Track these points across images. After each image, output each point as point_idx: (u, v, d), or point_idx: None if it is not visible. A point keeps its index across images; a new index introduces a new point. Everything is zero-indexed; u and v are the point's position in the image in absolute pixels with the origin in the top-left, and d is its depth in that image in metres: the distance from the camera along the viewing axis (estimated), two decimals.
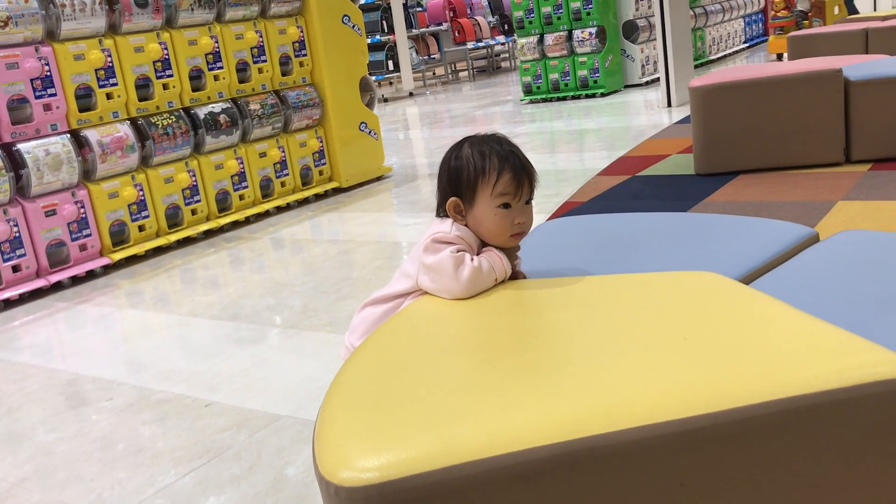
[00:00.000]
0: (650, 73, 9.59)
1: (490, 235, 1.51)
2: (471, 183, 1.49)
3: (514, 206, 1.49)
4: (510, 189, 1.47)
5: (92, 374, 2.94)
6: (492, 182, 1.47)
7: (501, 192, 1.47)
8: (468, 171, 1.49)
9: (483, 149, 1.50)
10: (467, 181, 1.49)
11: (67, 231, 4.15)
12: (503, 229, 1.49)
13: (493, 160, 1.48)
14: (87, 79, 4.27)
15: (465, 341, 1.32)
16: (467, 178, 1.49)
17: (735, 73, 4.65)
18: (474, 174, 1.49)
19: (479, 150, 1.50)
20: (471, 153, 1.51)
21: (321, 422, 1.11)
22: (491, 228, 1.50)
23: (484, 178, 1.48)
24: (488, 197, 1.48)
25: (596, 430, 0.97)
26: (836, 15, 9.97)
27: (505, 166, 1.47)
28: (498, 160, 1.48)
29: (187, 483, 2.08)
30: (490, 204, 1.48)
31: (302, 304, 3.38)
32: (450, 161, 1.54)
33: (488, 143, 1.51)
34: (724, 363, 1.08)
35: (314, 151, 5.56)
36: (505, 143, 1.52)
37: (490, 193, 1.48)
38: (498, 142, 1.52)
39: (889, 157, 4.15)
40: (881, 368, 1.02)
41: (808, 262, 1.64)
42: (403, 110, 11.04)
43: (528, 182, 1.49)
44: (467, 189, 1.50)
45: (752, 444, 1.00)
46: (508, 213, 1.49)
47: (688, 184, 4.37)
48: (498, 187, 1.47)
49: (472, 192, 1.49)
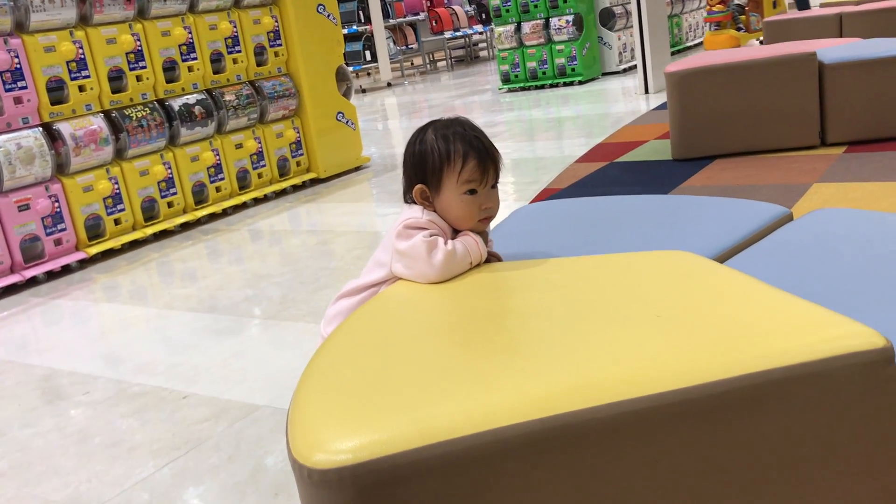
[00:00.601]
0: (627, 60, 9.61)
1: (457, 221, 1.50)
2: (436, 170, 1.48)
3: (480, 192, 1.48)
4: (476, 175, 1.46)
5: (68, 368, 2.91)
6: (457, 169, 1.46)
7: (467, 178, 1.46)
8: (433, 158, 1.48)
9: (447, 134, 1.48)
10: (433, 168, 1.48)
11: (42, 226, 4.10)
12: (470, 215, 1.49)
13: (457, 146, 1.47)
14: (58, 71, 4.21)
15: (439, 324, 1.31)
16: (432, 165, 1.48)
17: (710, 57, 4.66)
18: (439, 161, 1.47)
19: (442, 135, 1.49)
20: (435, 139, 1.49)
21: (295, 406, 1.10)
22: (458, 214, 1.49)
23: (449, 165, 1.47)
24: (454, 184, 1.47)
25: (570, 407, 0.97)
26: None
27: (470, 152, 1.46)
28: (462, 146, 1.46)
29: (166, 475, 2.07)
30: (456, 191, 1.47)
31: (280, 295, 3.36)
32: (414, 146, 1.53)
33: (452, 128, 1.49)
34: (697, 339, 1.08)
35: (291, 142, 5.52)
36: (468, 128, 1.50)
37: (456, 181, 1.47)
38: (461, 126, 1.50)
39: (863, 139, 4.18)
40: (852, 341, 1.02)
41: (781, 240, 1.65)
42: (382, 101, 11.00)
43: (493, 167, 1.48)
44: (433, 176, 1.49)
45: (727, 418, 1.01)
46: (475, 198, 1.48)
47: (665, 169, 4.38)
48: (464, 174, 1.46)
49: (438, 180, 1.48)
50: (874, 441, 1.04)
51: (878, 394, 1.03)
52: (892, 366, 1.02)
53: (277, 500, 1.88)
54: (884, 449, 1.05)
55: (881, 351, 1.01)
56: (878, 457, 1.05)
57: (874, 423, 1.04)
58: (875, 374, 1.01)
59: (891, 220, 1.68)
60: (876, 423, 1.04)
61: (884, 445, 1.05)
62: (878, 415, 1.03)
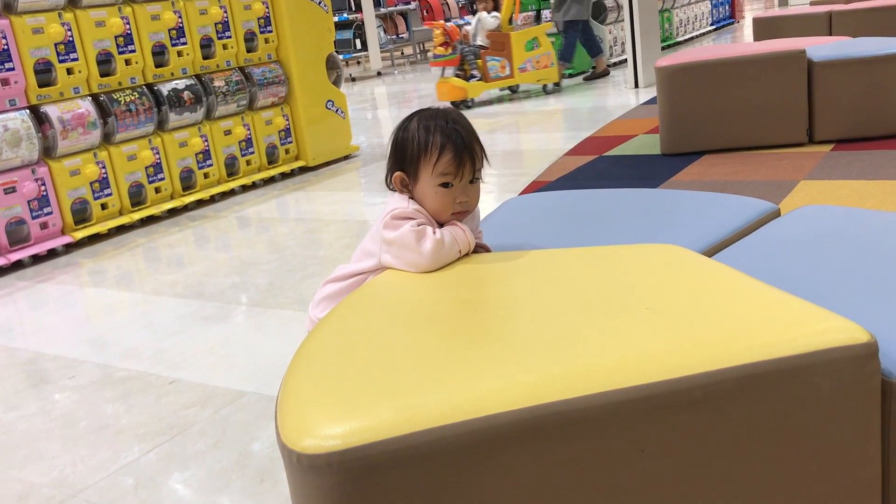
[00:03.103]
0: (618, 54, 9.61)
1: (433, 212, 1.50)
2: (414, 159, 1.49)
3: (455, 186, 1.48)
4: (450, 169, 1.46)
5: (53, 352, 2.89)
6: (432, 161, 1.46)
7: (442, 171, 1.46)
8: (412, 146, 1.49)
9: (429, 125, 1.48)
10: (411, 157, 1.49)
11: (28, 209, 4.08)
12: (444, 207, 1.49)
13: (435, 138, 1.46)
14: (46, 53, 4.18)
15: (428, 313, 1.32)
16: (411, 154, 1.49)
17: (701, 53, 4.68)
18: (417, 151, 1.48)
19: (424, 125, 1.49)
20: (417, 128, 1.50)
21: (284, 392, 1.11)
22: (432, 206, 1.50)
23: (426, 156, 1.47)
24: (429, 175, 1.47)
25: (557, 397, 0.98)
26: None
27: (447, 146, 1.46)
28: (440, 138, 1.46)
29: (151, 459, 2.07)
30: (431, 182, 1.48)
31: (268, 283, 3.36)
32: (398, 133, 1.53)
33: (435, 119, 1.49)
34: (684, 331, 1.09)
35: (280, 129, 5.50)
36: (451, 121, 1.49)
37: (431, 172, 1.47)
38: (445, 118, 1.49)
39: (851, 137, 4.21)
40: (837, 336, 1.04)
41: (769, 235, 1.66)
42: (371, 90, 10.97)
43: (469, 162, 1.47)
44: (411, 165, 1.50)
45: (712, 410, 1.02)
46: (449, 192, 1.48)
47: (654, 163, 4.40)
48: (438, 167, 1.46)
49: (416, 169, 1.49)
50: (857, 434, 1.06)
51: (862, 388, 1.04)
52: (875, 360, 1.04)
53: (263, 486, 1.88)
54: (866, 442, 1.06)
55: (865, 346, 1.03)
56: (861, 450, 1.06)
57: (857, 416, 1.05)
58: (858, 369, 1.03)
59: (877, 218, 1.70)
60: (858, 416, 1.05)
61: (866, 439, 1.06)
62: (860, 408, 1.05)
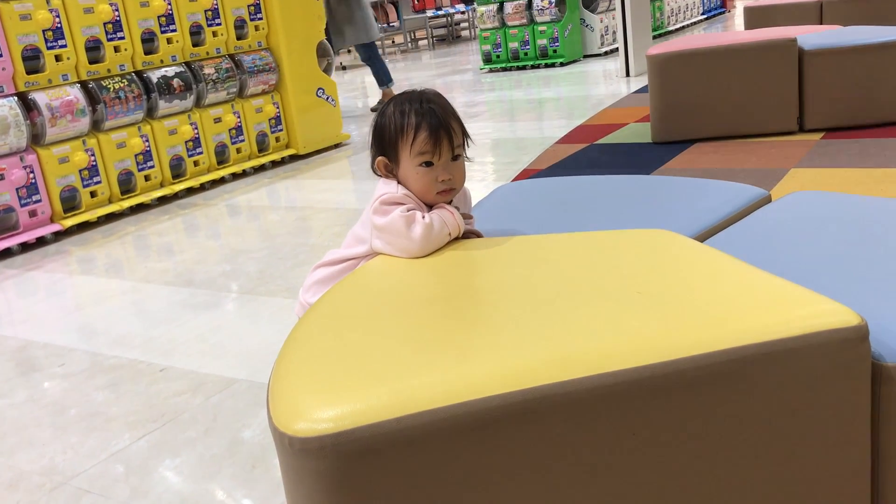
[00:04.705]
0: (609, 42, 9.61)
1: (418, 193, 1.50)
2: (392, 142, 1.49)
3: (436, 164, 1.47)
4: (427, 147, 1.46)
5: (43, 340, 2.88)
6: (409, 141, 1.46)
7: (419, 150, 1.46)
8: (389, 130, 1.49)
9: (404, 107, 1.48)
10: (389, 141, 1.49)
11: (16, 196, 4.05)
12: (428, 187, 1.48)
13: (410, 118, 1.46)
14: (34, 40, 4.14)
15: (419, 297, 1.31)
16: (389, 137, 1.49)
17: (692, 41, 4.68)
18: (395, 133, 1.48)
19: (400, 108, 1.49)
20: (393, 112, 1.50)
21: (276, 376, 1.10)
22: (416, 187, 1.49)
23: (402, 137, 1.47)
24: (409, 156, 1.47)
25: (549, 380, 0.97)
26: None
27: (421, 124, 1.45)
28: (415, 118, 1.46)
29: (142, 446, 2.06)
30: (412, 163, 1.48)
31: (258, 271, 3.35)
32: (377, 119, 1.53)
33: (410, 101, 1.49)
34: (675, 315, 1.09)
35: (270, 117, 5.48)
36: (426, 100, 1.49)
37: (409, 153, 1.47)
38: (420, 99, 1.49)
39: (841, 126, 4.22)
40: (828, 319, 1.04)
41: (760, 221, 1.66)
42: (362, 79, 10.93)
43: (447, 139, 1.46)
44: (391, 148, 1.50)
45: (704, 392, 1.02)
46: (430, 171, 1.48)
47: (645, 152, 4.40)
48: (415, 146, 1.46)
49: (395, 152, 1.49)
50: (847, 417, 1.06)
51: (852, 371, 1.04)
52: (865, 343, 1.04)
53: (254, 473, 1.88)
54: (855, 425, 1.07)
55: (856, 328, 1.03)
56: (850, 433, 1.07)
57: (847, 399, 1.05)
58: (849, 351, 1.03)
59: (867, 203, 1.70)
60: (849, 399, 1.06)
61: (856, 421, 1.07)
62: (850, 391, 1.05)
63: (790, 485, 1.07)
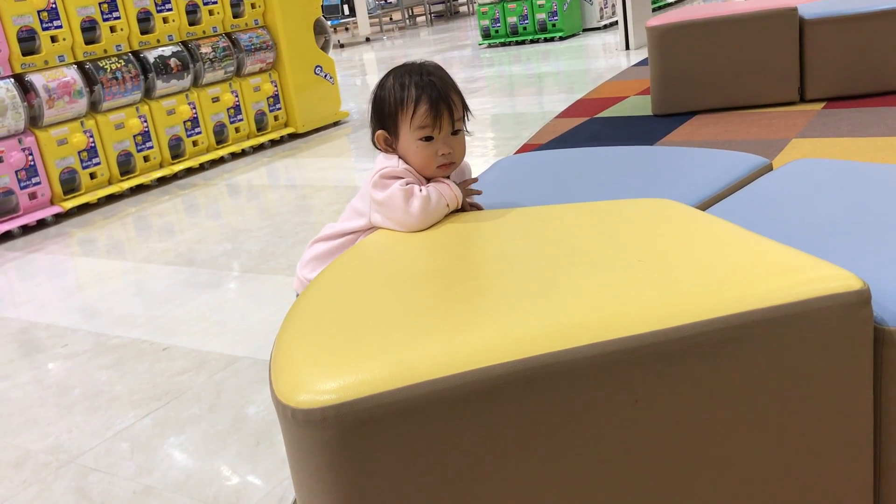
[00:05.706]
0: (608, 16, 9.54)
1: (417, 167, 1.49)
2: (392, 115, 1.47)
3: (436, 138, 1.46)
4: (427, 121, 1.45)
5: (46, 321, 2.89)
6: (409, 115, 1.45)
7: (420, 124, 1.45)
8: (389, 103, 1.47)
9: (404, 80, 1.47)
10: (389, 114, 1.48)
11: (16, 179, 4.04)
12: (427, 161, 1.47)
13: (410, 92, 1.45)
14: (29, 21, 4.11)
15: (420, 270, 1.31)
16: (388, 110, 1.48)
17: (692, 12, 4.64)
18: (394, 107, 1.46)
19: (399, 81, 1.47)
20: (392, 84, 1.48)
21: (278, 349, 1.10)
22: (416, 161, 1.48)
23: (402, 111, 1.46)
24: (408, 130, 1.46)
25: (551, 348, 0.97)
26: None
27: (422, 97, 1.44)
28: (415, 91, 1.44)
29: (146, 424, 2.07)
30: (411, 137, 1.46)
31: (259, 249, 3.35)
32: (376, 92, 1.52)
33: (410, 74, 1.47)
34: (677, 282, 1.09)
35: (269, 96, 5.45)
36: (426, 73, 1.47)
37: (409, 126, 1.46)
38: (419, 72, 1.47)
39: (842, 95, 4.20)
40: (829, 283, 1.03)
41: (761, 189, 1.65)
42: (360, 56, 10.87)
43: (447, 112, 1.45)
44: (390, 122, 1.48)
45: (706, 359, 1.02)
46: (430, 145, 1.46)
47: (646, 124, 4.38)
48: (415, 120, 1.45)
49: (395, 125, 1.48)
50: (849, 382, 1.06)
51: (854, 335, 1.04)
52: (867, 308, 1.04)
53: (259, 449, 1.89)
54: (858, 390, 1.07)
55: (858, 293, 1.02)
56: (853, 397, 1.07)
57: (849, 363, 1.05)
58: (852, 316, 1.03)
59: (869, 170, 1.69)
60: (851, 364, 1.05)
61: (858, 386, 1.07)
62: (853, 356, 1.05)
63: (794, 449, 1.07)
